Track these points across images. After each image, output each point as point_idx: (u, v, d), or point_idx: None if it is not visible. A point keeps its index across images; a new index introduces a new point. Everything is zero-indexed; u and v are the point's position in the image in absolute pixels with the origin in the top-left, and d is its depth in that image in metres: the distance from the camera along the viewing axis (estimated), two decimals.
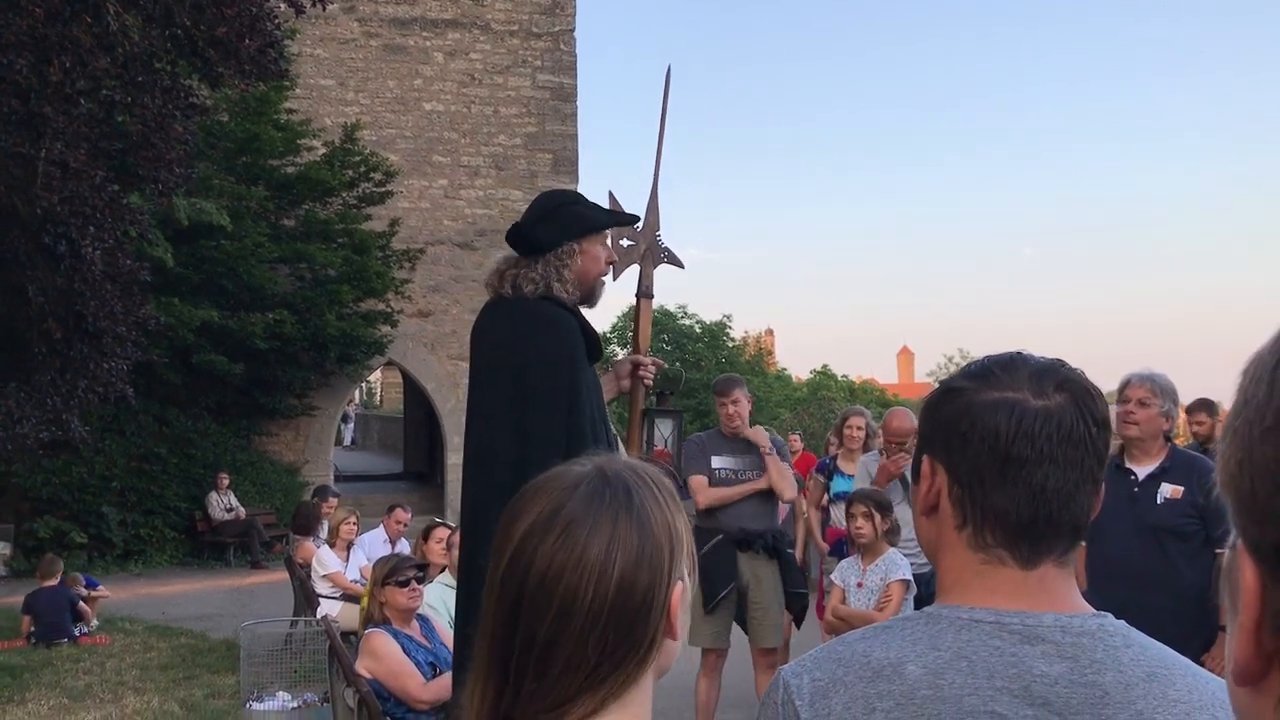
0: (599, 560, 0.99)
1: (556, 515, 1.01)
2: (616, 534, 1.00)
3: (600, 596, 0.98)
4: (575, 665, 0.98)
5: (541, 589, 0.99)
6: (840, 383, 35.16)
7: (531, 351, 2.81)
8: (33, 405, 8.51)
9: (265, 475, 14.89)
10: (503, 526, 1.05)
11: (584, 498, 1.02)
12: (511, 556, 1.01)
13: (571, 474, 1.06)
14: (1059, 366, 1.14)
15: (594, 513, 1.01)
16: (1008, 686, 1.04)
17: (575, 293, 2.92)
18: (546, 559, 0.99)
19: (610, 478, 1.05)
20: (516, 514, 1.04)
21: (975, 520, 1.11)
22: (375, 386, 39.68)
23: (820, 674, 1.09)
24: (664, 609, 1.02)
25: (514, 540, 1.02)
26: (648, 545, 1.01)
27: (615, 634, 0.99)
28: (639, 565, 1.00)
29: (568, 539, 1.00)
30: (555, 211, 2.97)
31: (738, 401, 5.49)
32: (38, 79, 7.28)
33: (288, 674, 5.80)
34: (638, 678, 1.02)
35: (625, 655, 1.00)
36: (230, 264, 13.50)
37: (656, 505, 1.05)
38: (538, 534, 1.01)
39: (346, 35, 16.76)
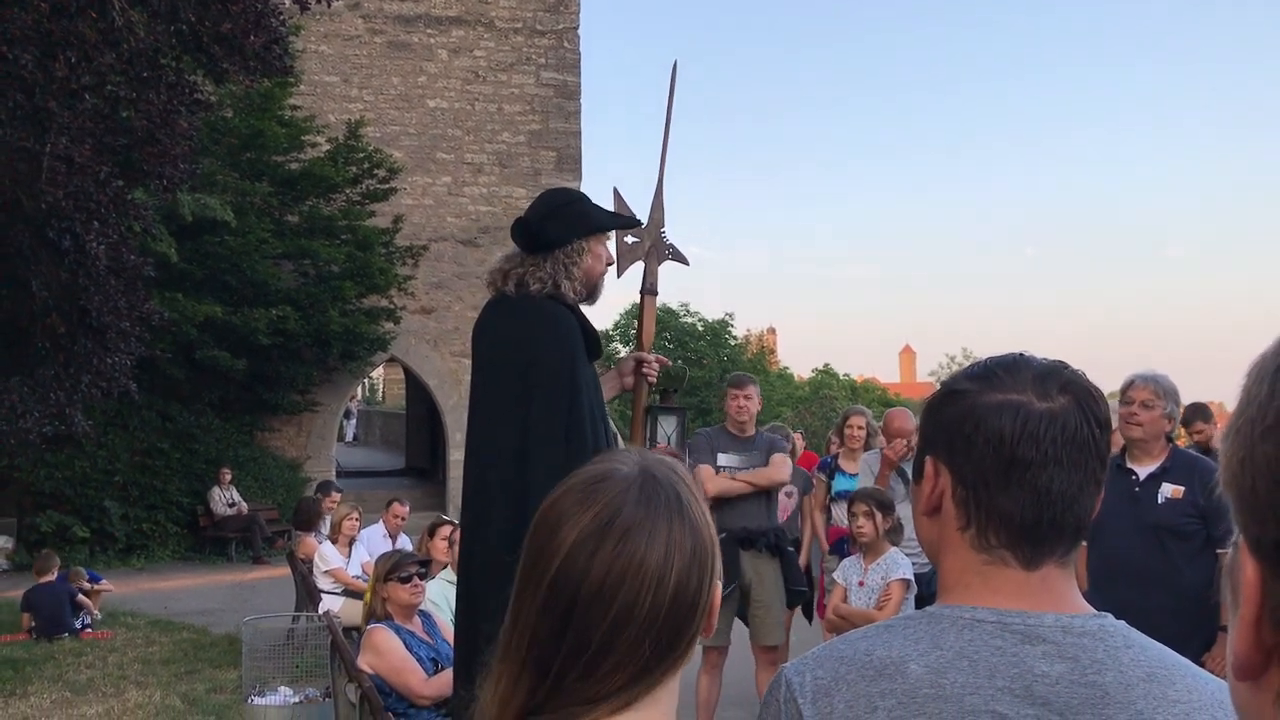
0: (658, 567, 0.98)
1: (613, 522, 0.99)
2: (672, 538, 1.00)
3: (658, 602, 0.98)
4: (623, 666, 0.98)
5: (599, 597, 0.97)
6: (842, 382, 35.14)
7: (536, 349, 2.82)
8: (36, 399, 8.52)
9: (267, 471, 14.91)
10: (546, 530, 1.02)
11: (638, 502, 1.01)
12: (563, 563, 0.99)
13: (619, 475, 1.03)
14: (1062, 368, 1.14)
15: (650, 518, 1.00)
16: (1009, 686, 1.04)
17: (582, 291, 2.93)
18: (604, 567, 0.97)
19: (659, 479, 1.03)
20: (562, 517, 1.01)
21: (979, 522, 1.11)
22: (378, 383, 39.70)
23: (822, 672, 1.10)
24: (707, 608, 1.02)
25: (565, 546, 0.99)
26: (699, 547, 1.02)
27: (667, 635, 0.99)
28: (691, 568, 1.00)
29: (626, 546, 0.98)
30: (563, 209, 2.98)
31: (750, 397, 5.53)
32: (43, 74, 7.29)
33: (289, 669, 5.81)
34: (676, 670, 1.03)
35: (670, 654, 1.00)
36: (234, 259, 13.51)
37: (699, 504, 1.05)
38: (593, 541, 0.99)
39: (351, 32, 16.76)
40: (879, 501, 4.79)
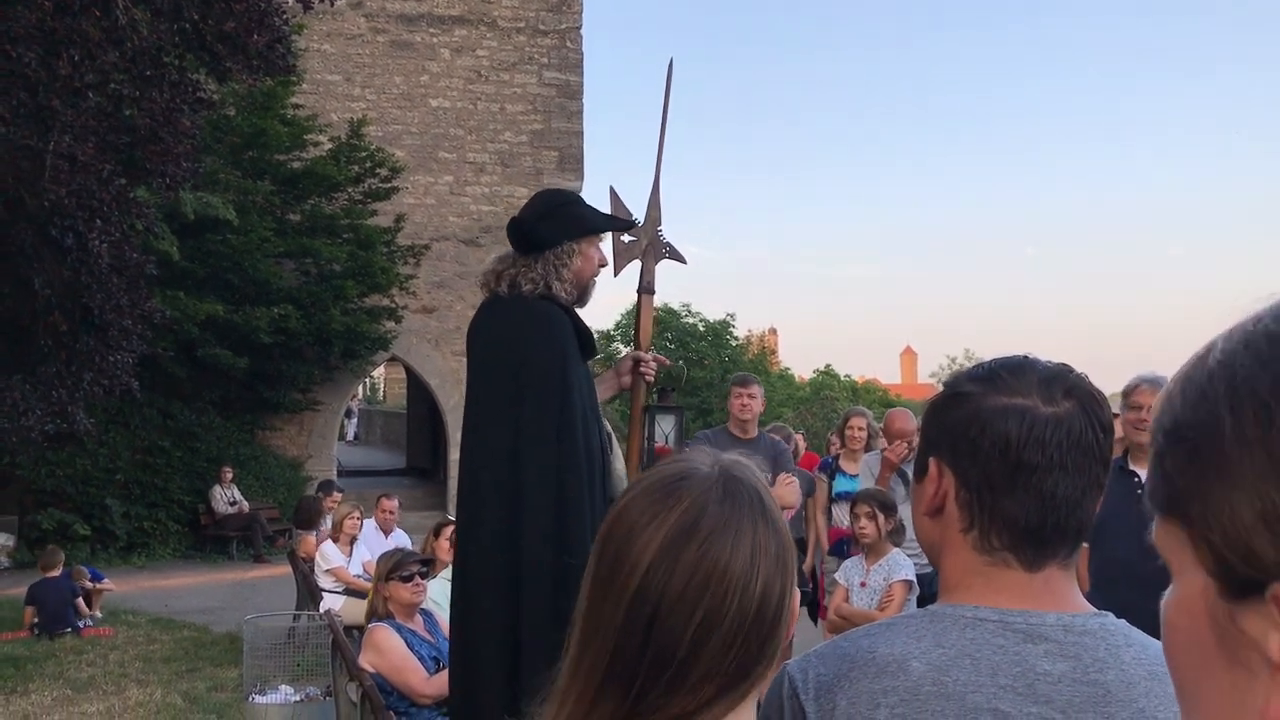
0: (744, 571, 0.94)
1: (698, 524, 0.94)
2: (757, 541, 0.95)
3: (744, 609, 0.93)
4: (711, 676, 0.93)
5: (681, 604, 0.92)
6: (843, 383, 35.11)
7: (528, 350, 2.83)
8: (38, 397, 8.53)
9: (268, 469, 14.92)
10: (625, 531, 0.96)
11: (721, 502, 0.96)
12: (650, 567, 0.93)
13: (700, 475, 0.98)
14: (1066, 372, 1.14)
15: (735, 519, 0.95)
16: (1011, 684, 1.05)
17: (572, 292, 2.93)
18: (688, 572, 0.92)
19: (741, 479, 0.99)
20: (642, 519, 0.96)
21: (982, 524, 1.11)
22: (379, 382, 39.71)
23: (825, 669, 1.10)
24: (790, 614, 0.98)
25: (650, 551, 0.93)
26: (782, 551, 0.98)
27: (755, 644, 0.94)
28: (776, 572, 0.96)
29: (710, 549, 0.93)
30: (557, 210, 2.98)
31: (754, 396, 5.55)
32: (46, 72, 7.29)
33: (290, 668, 5.81)
34: (762, 682, 0.98)
35: (757, 664, 0.95)
36: (236, 258, 13.52)
37: (777, 507, 1.01)
38: (678, 542, 0.93)
39: (353, 31, 16.77)
40: (881, 503, 4.79)
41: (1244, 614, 0.54)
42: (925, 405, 1.24)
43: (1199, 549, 0.56)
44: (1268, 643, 0.53)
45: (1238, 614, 0.54)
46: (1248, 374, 0.54)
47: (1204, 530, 0.56)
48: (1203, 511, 0.56)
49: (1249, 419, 0.53)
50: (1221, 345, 0.57)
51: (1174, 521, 0.58)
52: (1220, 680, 0.56)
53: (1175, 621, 0.59)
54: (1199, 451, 0.56)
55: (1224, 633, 0.55)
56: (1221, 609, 0.55)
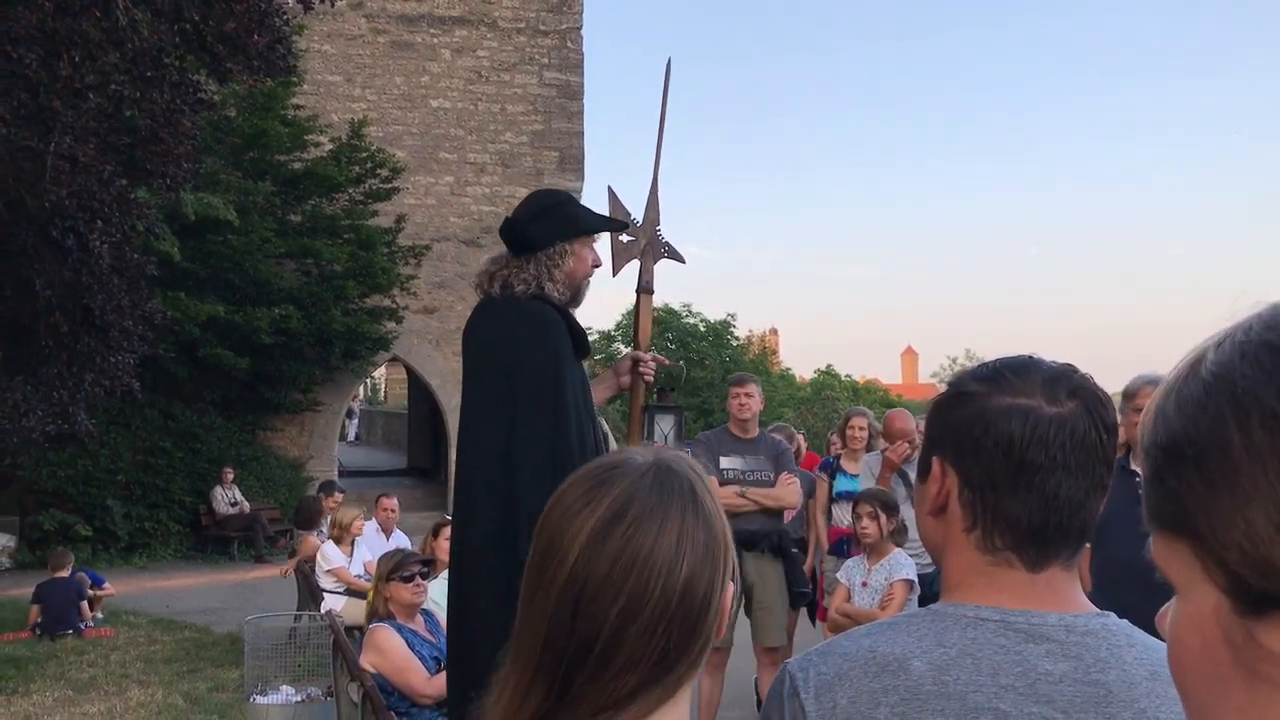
0: (669, 557, 0.94)
1: (625, 510, 0.95)
2: (685, 529, 0.96)
3: (667, 595, 0.94)
4: (634, 664, 0.93)
5: (607, 586, 0.93)
6: (844, 383, 35.11)
7: (520, 350, 2.84)
8: (39, 398, 8.53)
9: (270, 470, 14.92)
10: (556, 521, 0.98)
11: (651, 490, 0.97)
12: (577, 555, 0.94)
13: (634, 465, 0.99)
14: (1071, 372, 1.14)
15: (663, 507, 0.96)
16: (1012, 684, 1.05)
17: (565, 292, 2.93)
18: (612, 556, 0.93)
19: (675, 470, 1.00)
20: (573, 508, 0.97)
21: (985, 524, 1.11)
22: (380, 382, 39.73)
23: (826, 668, 1.10)
24: (719, 609, 0.98)
25: (580, 539, 0.95)
26: (712, 542, 0.98)
27: (678, 634, 0.94)
28: (704, 563, 0.96)
29: (636, 534, 0.94)
30: (550, 211, 2.98)
31: (752, 394, 5.54)
32: (47, 73, 7.30)
33: (291, 668, 5.81)
34: (690, 678, 0.98)
35: (683, 656, 0.96)
36: (236, 259, 13.52)
37: (714, 501, 1.01)
38: (604, 530, 0.95)
39: (354, 31, 16.77)
40: (884, 502, 4.79)
41: (1264, 630, 0.53)
42: (928, 405, 1.24)
43: (1209, 566, 0.55)
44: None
45: (1256, 629, 0.53)
46: (1250, 384, 0.53)
47: (1216, 547, 0.54)
48: (1213, 528, 0.54)
49: (1258, 430, 0.52)
50: (1213, 357, 0.56)
51: (1179, 539, 0.57)
52: (1237, 697, 0.55)
53: (1185, 640, 0.58)
54: (1205, 467, 0.55)
55: (1240, 650, 0.54)
56: (1237, 626, 0.54)
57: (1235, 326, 0.57)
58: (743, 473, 5.45)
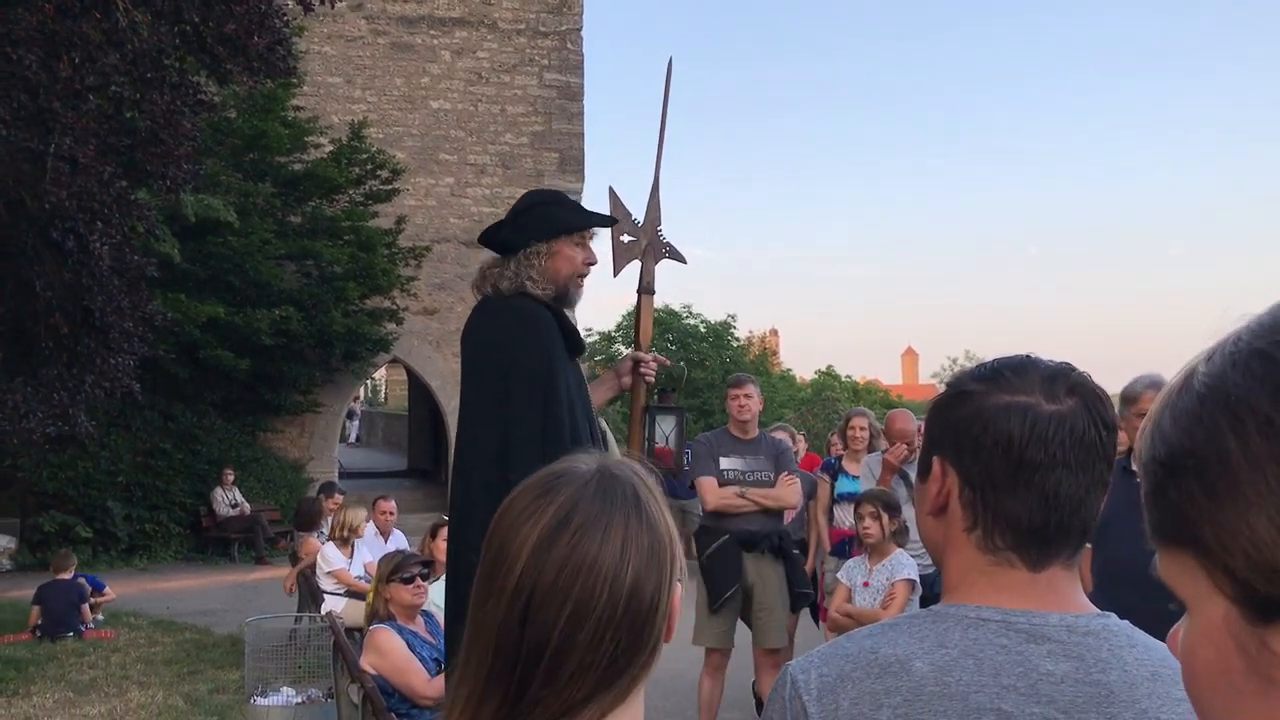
0: (614, 563, 0.96)
1: (570, 518, 0.97)
2: (629, 535, 0.98)
3: (614, 600, 0.96)
4: (586, 670, 0.95)
5: (554, 593, 0.95)
6: (844, 383, 35.10)
7: (515, 350, 2.84)
8: (39, 400, 8.53)
9: (270, 471, 14.92)
10: (505, 530, 1.00)
11: (595, 498, 0.99)
12: (525, 563, 0.97)
13: (578, 473, 1.02)
14: (1069, 370, 1.14)
15: (607, 513, 0.98)
16: (1014, 684, 1.05)
17: (548, 290, 2.91)
18: (558, 564, 0.96)
19: (618, 477, 1.02)
20: (520, 517, 0.99)
21: (985, 523, 1.11)
22: (380, 384, 39.73)
23: (828, 669, 1.10)
24: (667, 610, 1.00)
25: (526, 548, 0.97)
26: (656, 545, 1.00)
27: (627, 637, 0.96)
28: (649, 566, 0.98)
29: (581, 542, 0.96)
30: (526, 212, 2.99)
31: (750, 395, 5.54)
32: (47, 75, 7.30)
33: (292, 669, 5.81)
34: (642, 680, 1.00)
35: (634, 658, 0.98)
36: (237, 260, 13.53)
37: (658, 505, 1.03)
38: (550, 537, 0.97)
39: (354, 33, 16.78)
40: (886, 503, 4.79)
41: (1275, 636, 0.53)
42: (929, 405, 1.24)
43: (1216, 576, 0.55)
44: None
45: (1268, 637, 0.54)
46: (1243, 393, 0.54)
47: (1221, 556, 0.55)
48: (1217, 537, 0.55)
49: (1254, 437, 0.53)
50: (1204, 369, 0.57)
51: (1184, 551, 0.57)
52: (1255, 707, 0.55)
53: (1198, 653, 0.58)
54: (1205, 477, 0.55)
55: (1255, 659, 0.54)
56: (1249, 635, 0.54)
57: (1224, 339, 0.57)
58: (743, 473, 5.45)
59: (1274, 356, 0.54)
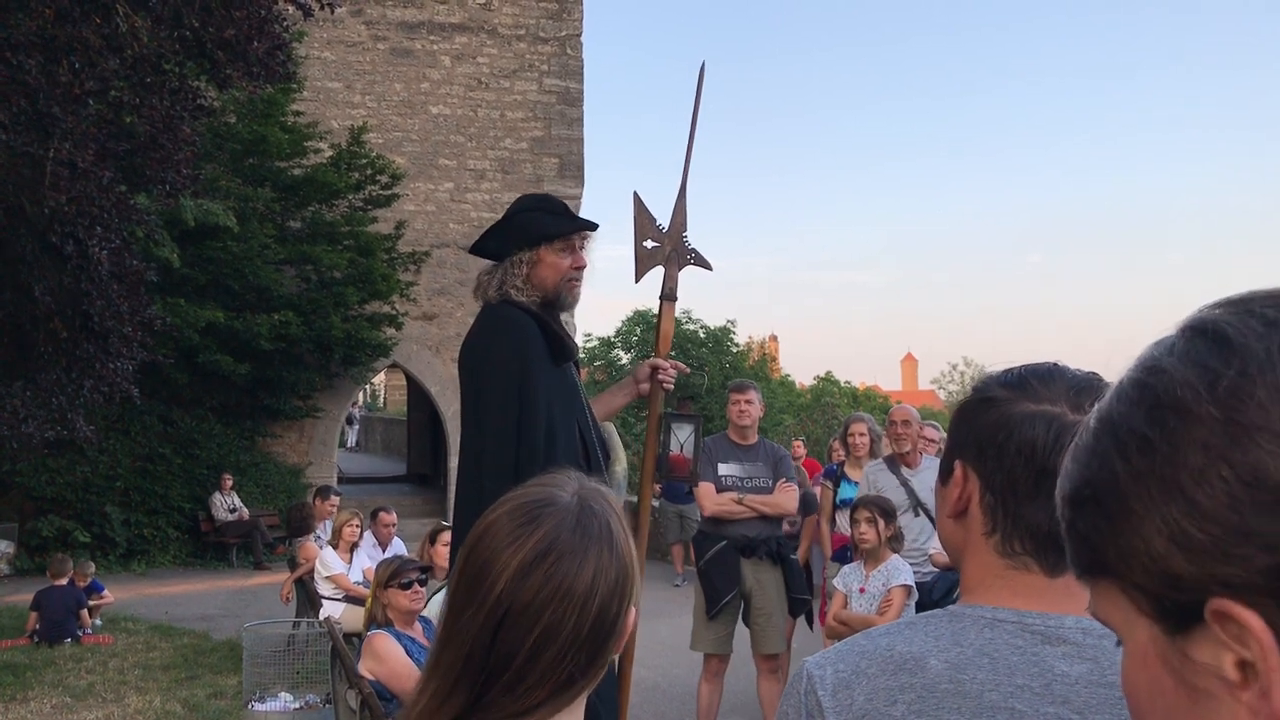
0: (585, 591, 1.06)
1: (550, 549, 1.07)
2: (600, 566, 1.08)
3: (580, 624, 1.05)
4: (544, 682, 1.05)
5: (528, 615, 1.04)
6: (844, 389, 35.10)
7: (487, 354, 2.86)
8: (38, 404, 8.52)
9: (269, 476, 14.90)
10: (488, 550, 1.08)
11: (574, 530, 1.08)
12: (504, 585, 1.05)
13: (560, 504, 1.11)
14: (1096, 381, 1.14)
15: (583, 546, 1.08)
16: (1028, 684, 1.05)
17: (534, 296, 2.91)
18: (535, 588, 1.05)
19: (595, 511, 1.11)
20: (503, 540, 1.08)
21: (1005, 529, 1.12)
22: (379, 389, 39.70)
23: (843, 666, 1.11)
24: (622, 630, 1.10)
25: (510, 570, 1.06)
26: (621, 575, 1.10)
27: (586, 655, 1.07)
28: (614, 594, 1.08)
29: (558, 569, 1.06)
30: (510, 220, 2.99)
31: (751, 401, 5.54)
32: (47, 80, 7.30)
33: (290, 675, 5.79)
34: (587, 692, 1.10)
35: (587, 674, 1.08)
36: (236, 265, 13.53)
37: (626, 536, 1.13)
38: (530, 565, 1.06)
39: (354, 38, 16.80)
40: (882, 509, 4.79)
41: (1193, 645, 0.55)
42: (952, 408, 1.25)
43: (1131, 595, 0.58)
44: (1222, 663, 0.53)
45: (1187, 647, 0.56)
46: (1123, 418, 0.59)
47: (1129, 575, 0.58)
48: (1120, 556, 0.58)
49: (1135, 455, 0.57)
50: (1095, 410, 0.62)
51: (1102, 580, 0.61)
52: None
53: (1135, 679, 0.61)
54: (1101, 502, 0.59)
55: (1180, 672, 0.56)
56: (1171, 649, 0.57)
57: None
58: (741, 479, 5.44)
59: (1146, 383, 0.58)
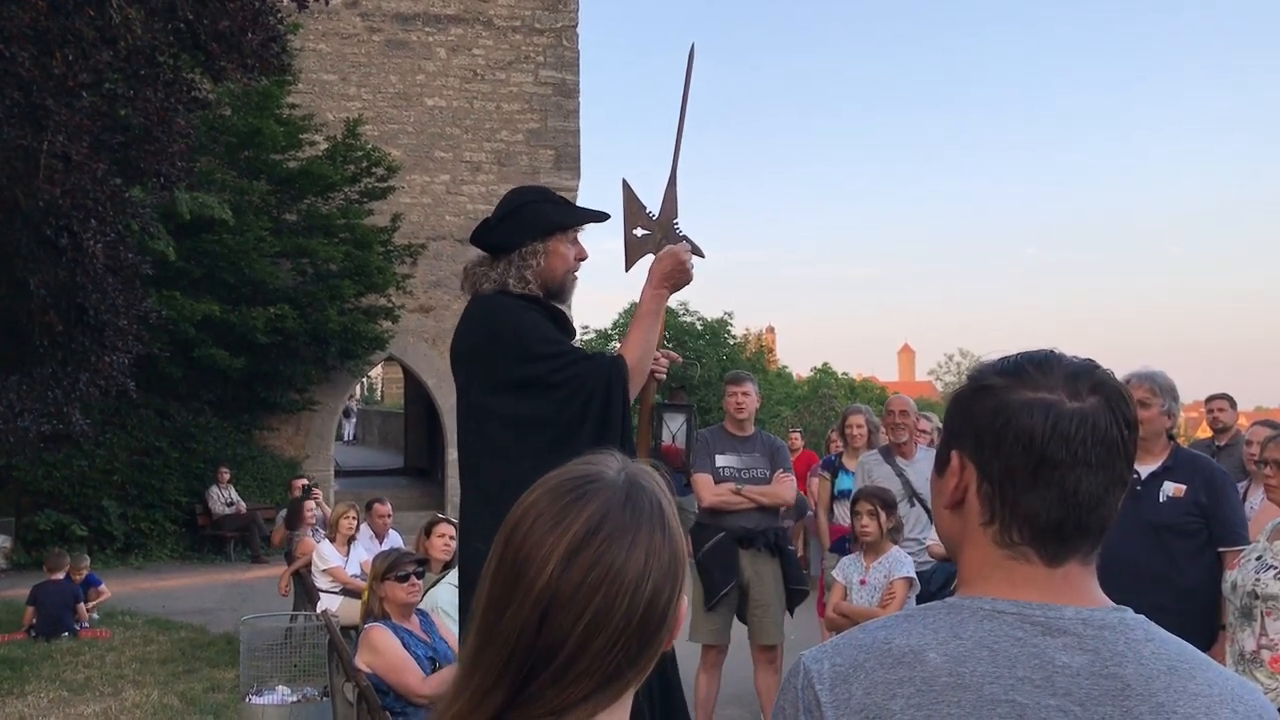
0: (637, 575, 0.97)
1: (599, 527, 0.98)
2: (653, 548, 0.99)
3: (631, 611, 0.97)
4: (592, 673, 0.97)
5: (575, 601, 0.96)
6: (841, 380, 35.09)
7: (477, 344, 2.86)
8: (34, 398, 8.50)
9: (266, 470, 14.89)
10: (529, 532, 0.99)
11: (624, 508, 1.00)
12: (551, 568, 0.96)
13: (607, 480, 1.02)
14: (1093, 368, 1.13)
15: (634, 525, 0.99)
16: (1029, 676, 1.04)
17: (538, 291, 2.88)
18: (583, 572, 0.96)
19: (645, 488, 1.03)
20: (547, 521, 0.98)
21: (1003, 518, 1.11)
22: (376, 382, 39.67)
23: (841, 659, 1.10)
24: (674, 621, 1.02)
25: (555, 551, 0.97)
26: (674, 559, 1.01)
27: (637, 644, 0.98)
28: (666, 579, 0.99)
29: (607, 552, 0.97)
30: (517, 211, 2.94)
31: (748, 393, 5.53)
32: (40, 72, 7.26)
33: (287, 668, 5.79)
34: (637, 683, 1.02)
35: (636, 664, 0.99)
36: (232, 258, 13.49)
37: (676, 516, 1.04)
38: (578, 546, 0.97)
39: (349, 30, 16.74)
40: (882, 500, 4.79)
41: None
42: (948, 397, 1.23)
43: None
44: None
45: None
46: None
47: None
48: None
49: None
50: None
51: None
52: None
53: None
54: None
55: None
56: None
57: None
58: (738, 470, 5.44)
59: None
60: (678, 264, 2.97)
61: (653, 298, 2.97)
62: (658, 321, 2.98)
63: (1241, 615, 3.33)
